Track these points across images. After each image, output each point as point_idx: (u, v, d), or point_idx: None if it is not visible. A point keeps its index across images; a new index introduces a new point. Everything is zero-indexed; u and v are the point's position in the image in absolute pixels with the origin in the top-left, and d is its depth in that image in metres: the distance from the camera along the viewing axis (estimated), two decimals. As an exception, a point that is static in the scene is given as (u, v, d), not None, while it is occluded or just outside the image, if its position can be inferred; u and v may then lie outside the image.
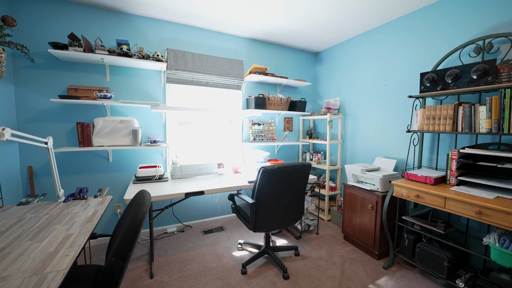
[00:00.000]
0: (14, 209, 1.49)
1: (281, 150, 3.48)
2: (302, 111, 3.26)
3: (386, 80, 2.61)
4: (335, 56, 3.29)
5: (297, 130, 3.60)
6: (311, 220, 2.77)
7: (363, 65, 2.87)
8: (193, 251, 2.34)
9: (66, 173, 2.28)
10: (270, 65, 3.27)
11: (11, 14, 2.02)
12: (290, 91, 3.49)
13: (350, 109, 3.07)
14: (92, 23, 2.28)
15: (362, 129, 2.92)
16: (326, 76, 3.47)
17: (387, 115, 2.61)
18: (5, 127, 1.27)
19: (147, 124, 2.58)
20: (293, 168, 1.90)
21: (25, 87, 2.10)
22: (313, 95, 3.71)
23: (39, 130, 2.16)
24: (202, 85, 2.79)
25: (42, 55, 2.13)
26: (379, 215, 2.19)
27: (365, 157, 2.88)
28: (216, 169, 2.57)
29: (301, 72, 3.55)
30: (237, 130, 3.14)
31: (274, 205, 1.94)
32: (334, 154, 3.30)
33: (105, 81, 2.37)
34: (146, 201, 1.21)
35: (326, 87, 3.47)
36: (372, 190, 2.28)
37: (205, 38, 2.81)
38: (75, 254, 1.02)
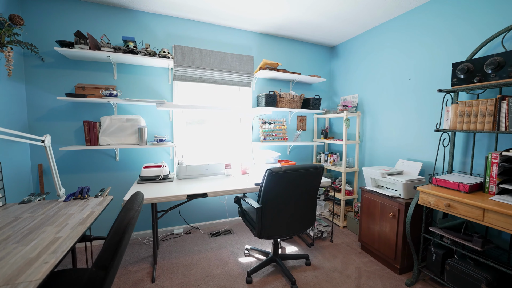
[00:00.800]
0: (14, 208, 1.48)
1: (294, 150, 3.29)
2: (317, 109, 3.06)
3: (410, 73, 2.34)
4: (353, 49, 3.04)
5: (311, 130, 3.40)
6: (324, 226, 2.57)
7: (384, 58, 2.61)
8: (198, 255, 2.25)
9: (74, 171, 2.29)
10: (282, 60, 3.10)
11: (22, 13, 2.05)
12: (303, 88, 3.30)
13: (369, 107, 2.82)
14: (99, 21, 2.26)
15: (382, 128, 2.65)
16: (343, 71, 3.23)
17: (411, 112, 2.33)
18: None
19: (154, 122, 2.53)
20: (303, 170, 1.73)
21: (35, 86, 2.12)
22: (329, 92, 3.48)
23: (48, 129, 2.18)
24: (210, 82, 2.70)
25: (51, 54, 2.14)
26: (402, 225, 1.94)
27: (386, 159, 2.61)
28: (223, 169, 2.46)
29: (316, 68, 3.34)
30: (246, 129, 3.01)
31: (281, 211, 1.78)
32: (351, 156, 3.06)
33: (113, 79, 2.35)
34: (135, 205, 1.11)
35: (343, 83, 3.23)
36: (394, 196, 2.04)
37: (214, 33, 2.71)
38: (55, 262, 0.94)
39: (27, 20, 2.06)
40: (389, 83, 2.56)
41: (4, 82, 1.87)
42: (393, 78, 2.52)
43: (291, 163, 2.76)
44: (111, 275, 0.99)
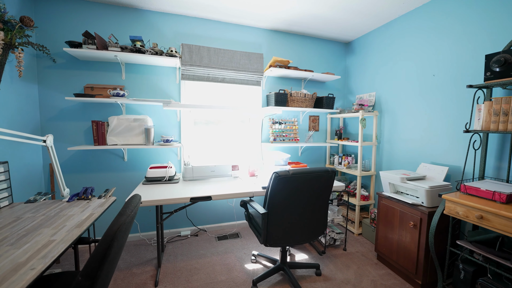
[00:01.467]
0: (19, 207, 1.48)
1: (305, 152, 3.15)
2: (330, 109, 2.89)
3: (434, 68, 2.12)
4: (370, 44, 2.84)
5: (324, 130, 3.23)
6: (337, 233, 2.40)
7: (405, 53, 2.40)
8: (203, 259, 2.18)
9: (83, 171, 2.31)
10: (293, 58, 2.97)
11: (35, 15, 2.09)
12: (316, 86, 3.14)
13: (388, 105, 2.61)
14: (107, 21, 2.27)
15: (402, 129, 2.44)
16: (359, 68, 3.04)
17: (436, 111, 2.12)
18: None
19: (161, 122, 2.51)
20: (312, 174, 1.60)
21: (47, 87, 2.16)
22: (344, 90, 3.29)
23: (59, 128, 2.22)
24: (219, 81, 2.63)
25: (62, 55, 2.17)
26: (424, 236, 1.75)
27: (406, 163, 2.40)
28: (230, 171, 2.38)
29: (330, 65, 3.17)
30: (256, 130, 2.91)
31: (289, 217, 1.65)
32: (368, 158, 2.86)
33: (121, 79, 2.35)
34: (128, 209, 1.05)
35: (359, 81, 3.04)
36: (415, 204, 1.84)
37: (222, 31, 2.64)
38: (41, 268, 0.89)
39: (40, 22, 2.10)
40: (410, 80, 2.35)
41: (17, 83, 1.91)
42: (414, 74, 2.31)
43: (302, 165, 2.63)
44: (100, 285, 0.93)
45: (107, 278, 1.03)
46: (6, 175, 1.52)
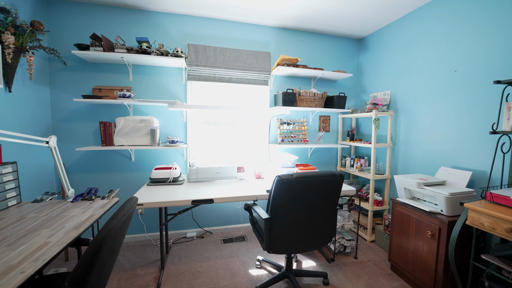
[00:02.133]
0: (26, 206, 1.52)
1: (315, 153, 3.03)
2: (341, 108, 2.76)
3: (456, 63, 1.94)
4: (385, 40, 2.68)
5: (335, 131, 3.09)
6: (348, 240, 2.27)
7: (423, 48, 2.22)
8: (207, 262, 2.14)
9: (91, 171, 2.35)
10: (302, 56, 2.86)
11: (48, 19, 2.15)
12: (327, 85, 3.01)
13: (404, 104, 2.44)
14: (115, 23, 2.30)
15: (420, 129, 2.27)
16: (372, 65, 2.87)
17: (458, 110, 1.93)
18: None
19: (168, 123, 2.50)
20: (318, 178, 1.50)
21: (58, 89, 2.22)
22: (356, 89, 3.14)
23: (69, 129, 2.27)
24: (225, 81, 2.59)
25: (72, 58, 2.23)
26: (444, 248, 1.59)
27: (424, 166, 2.22)
28: (235, 173, 2.32)
29: (341, 63, 3.03)
30: (263, 130, 2.84)
31: (293, 223, 1.57)
32: (382, 160, 2.69)
33: (128, 80, 2.37)
34: (120, 214, 1.02)
35: (373, 79, 2.87)
36: (433, 212, 1.68)
37: (228, 30, 2.60)
38: (31, 271, 0.88)
39: (52, 25, 2.16)
40: (429, 77, 2.17)
41: (30, 86, 1.97)
42: (433, 71, 2.13)
43: (310, 167, 2.52)
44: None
45: (99, 284, 1.00)
46: (14, 175, 1.56)
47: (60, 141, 2.25)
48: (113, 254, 1.07)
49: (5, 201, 1.48)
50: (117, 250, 1.12)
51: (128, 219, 1.10)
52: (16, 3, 1.84)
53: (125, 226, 1.08)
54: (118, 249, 1.13)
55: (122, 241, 1.21)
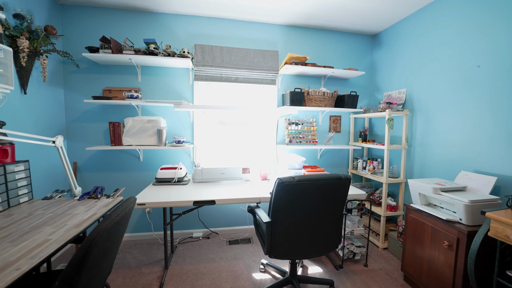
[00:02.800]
0: (36, 203, 1.58)
1: (325, 155, 2.92)
2: (353, 108, 2.63)
3: (479, 58, 1.77)
4: (400, 35, 2.52)
5: (346, 131, 2.96)
6: (357, 246, 2.16)
7: (441, 42, 2.06)
8: (211, 264, 2.12)
9: (102, 170, 2.42)
10: (312, 54, 2.77)
11: (62, 23, 2.25)
12: (338, 84, 2.89)
13: (421, 103, 2.28)
14: (124, 25, 2.35)
15: (438, 130, 2.10)
16: (387, 62, 2.72)
17: (481, 108, 1.76)
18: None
19: (175, 124, 2.52)
20: (322, 181, 1.43)
21: (71, 90, 2.31)
22: (370, 87, 2.99)
23: (82, 129, 2.36)
24: (232, 81, 2.56)
25: (84, 60, 2.31)
26: (462, 260, 1.45)
27: (443, 170, 2.06)
28: (240, 174, 2.29)
29: (353, 60, 2.90)
30: (271, 131, 2.78)
31: (295, 228, 1.50)
32: (396, 163, 2.53)
33: (137, 81, 2.42)
34: (114, 214, 1.02)
35: (387, 77, 2.72)
36: (451, 220, 1.54)
37: (236, 29, 2.57)
38: (26, 269, 0.90)
39: (66, 30, 2.25)
40: (449, 73, 2.01)
41: (45, 87, 2.06)
42: (454, 66, 1.96)
43: (319, 169, 2.43)
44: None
45: (92, 284, 1.01)
46: (26, 173, 1.63)
47: (73, 140, 2.34)
48: (107, 254, 1.07)
49: (17, 197, 1.55)
50: (112, 250, 1.12)
51: (123, 220, 1.10)
52: (33, 9, 1.93)
53: (119, 226, 1.08)
54: (113, 249, 1.13)
55: (120, 240, 1.21)
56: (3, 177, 1.46)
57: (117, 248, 1.21)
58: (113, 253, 1.18)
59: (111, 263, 1.22)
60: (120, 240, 1.23)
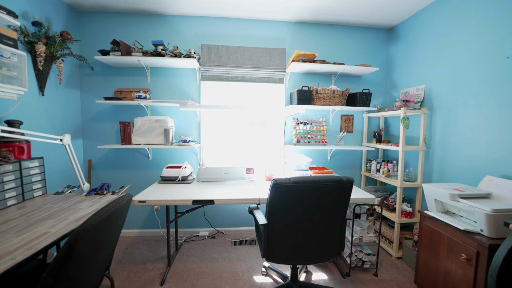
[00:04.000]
0: (48, 198, 1.68)
1: (336, 156, 2.79)
2: (365, 106, 2.48)
3: (509, 48, 1.56)
4: (419, 27, 2.33)
5: (359, 131, 2.81)
6: (367, 254, 2.02)
7: (465, 33, 1.86)
8: (214, 264, 2.12)
9: (114, 167, 2.53)
10: (322, 51, 2.66)
11: (79, 28, 2.39)
12: (351, 81, 2.75)
13: (441, 101, 2.08)
14: (134, 28, 2.44)
15: (461, 130, 1.90)
16: (404, 58, 2.53)
17: (509, 105, 1.56)
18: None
19: (182, 123, 2.57)
20: (320, 183, 1.35)
21: (87, 92, 2.45)
22: (385, 84, 2.80)
23: (96, 129, 2.49)
24: (238, 81, 2.55)
25: (99, 63, 2.43)
26: (482, 276, 1.29)
27: (466, 174, 1.85)
28: (244, 174, 2.26)
29: (367, 56, 2.74)
30: (278, 131, 2.72)
31: (293, 232, 1.44)
32: (413, 166, 2.34)
33: (147, 82, 2.50)
34: (102, 210, 1.04)
35: (405, 73, 2.53)
36: (470, 231, 1.38)
37: (242, 28, 2.55)
38: (20, 259, 0.94)
39: (83, 35, 2.39)
40: (473, 66, 1.80)
41: (62, 89, 2.21)
42: (479, 58, 1.76)
43: (327, 171, 2.32)
44: (65, 284, 0.93)
45: (83, 277, 1.03)
46: (41, 169, 1.74)
47: (88, 139, 2.48)
48: (99, 248, 1.09)
49: (31, 191, 1.67)
50: (105, 244, 1.15)
51: (114, 216, 1.12)
52: (51, 17, 2.07)
53: (110, 222, 1.10)
54: (106, 243, 1.15)
55: (115, 235, 1.24)
56: (18, 172, 1.58)
57: (111, 243, 1.24)
58: (107, 248, 1.21)
59: (106, 257, 1.25)
60: (115, 235, 1.26)
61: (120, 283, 1.86)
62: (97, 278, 1.24)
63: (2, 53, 1.35)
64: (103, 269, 1.29)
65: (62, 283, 0.91)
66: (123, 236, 2.58)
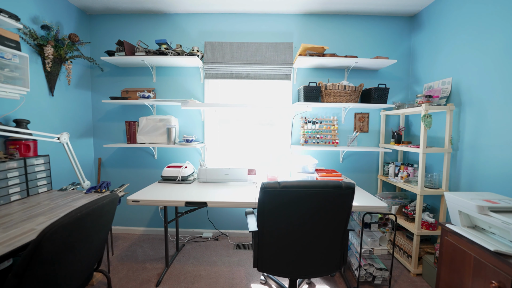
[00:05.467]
0: (51, 194, 1.74)
1: (349, 158, 2.56)
2: (382, 103, 2.24)
3: (562, 27, 1.26)
4: (446, 12, 2.03)
5: (376, 131, 2.55)
6: (378, 269, 1.80)
7: (501, 17, 1.56)
8: (212, 267, 2.05)
9: (121, 166, 2.59)
10: (332, 44, 2.46)
11: (90, 30, 2.48)
12: (366, 76, 2.51)
13: (471, 95, 1.78)
14: (139, 28, 2.46)
15: (496, 129, 1.60)
16: (429, 47, 2.23)
17: (562, 100, 1.26)
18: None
19: (187, 123, 2.54)
20: (314, 189, 1.20)
21: (97, 92, 2.53)
22: (406, 79, 2.51)
23: (106, 128, 2.56)
24: (242, 78, 2.45)
25: (107, 64, 2.50)
26: (518, 311, 1.04)
27: (501, 183, 1.56)
28: (245, 175, 2.16)
29: (385, 48, 2.47)
30: (286, 130, 2.58)
31: (285, 242, 1.30)
32: (438, 170, 2.05)
33: (152, 82, 2.51)
34: (76, 210, 1.01)
35: (429, 65, 2.23)
36: (503, 253, 1.13)
37: (248, 23, 2.45)
38: (-7, 258, 0.95)
39: (93, 37, 2.48)
40: (510, 55, 1.51)
41: (72, 90, 2.30)
42: (520, 43, 1.46)
43: (335, 174, 2.13)
44: (34, 284, 0.91)
45: (57, 278, 1.01)
46: (46, 166, 1.82)
47: (98, 138, 2.57)
48: (73, 250, 1.06)
49: (36, 188, 1.74)
50: (82, 245, 1.11)
51: (89, 216, 1.08)
52: (62, 21, 2.16)
53: (85, 222, 1.07)
54: (83, 244, 1.12)
55: (96, 235, 1.20)
56: (23, 169, 1.65)
57: (91, 243, 1.20)
58: (88, 248, 1.18)
59: (89, 257, 1.22)
60: (97, 235, 1.23)
61: (118, 281, 1.86)
62: (81, 277, 1.22)
63: (3, 54, 1.41)
64: (87, 269, 1.27)
65: (29, 283, 0.89)
66: (129, 234, 2.63)
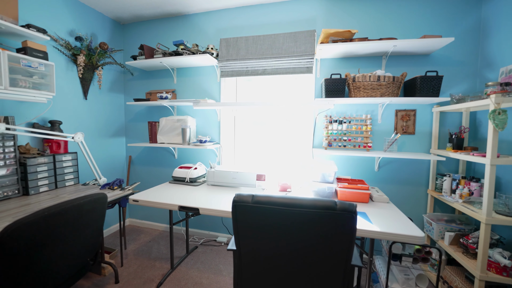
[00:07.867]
0: (75, 188, 1.92)
1: (387, 166, 2.08)
2: (433, 96, 1.72)
3: None
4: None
5: (426, 133, 1.99)
6: (412, 316, 1.35)
7: None
8: (216, 276, 1.93)
9: (147, 164, 2.74)
10: (364, 28, 2.03)
11: (123, 38, 2.70)
12: (412, 63, 1.98)
13: None
14: (162, 32, 2.55)
15: None
16: (505, 20, 1.59)
17: None
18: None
19: (203, 123, 2.51)
20: (296, 209, 0.93)
21: (128, 95, 2.75)
22: (473, 63, 1.86)
23: (135, 128, 2.75)
24: (259, 74, 2.26)
25: (136, 69, 2.68)
26: None
27: None
28: (254, 181, 1.96)
29: (438, 25, 1.89)
30: (307, 131, 2.26)
31: (268, 269, 1.07)
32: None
33: (173, 83, 2.57)
34: (42, 210, 1.02)
35: (506, 44, 1.59)
36: None
37: (266, 15, 2.25)
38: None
39: (126, 44, 2.69)
40: None
41: (105, 94, 2.54)
42: None
43: (360, 186, 1.72)
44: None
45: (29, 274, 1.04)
46: (74, 162, 2.02)
47: (129, 137, 2.78)
48: (45, 246, 1.06)
49: (63, 181, 1.95)
50: (59, 243, 1.13)
51: (58, 215, 1.08)
52: (97, 32, 2.40)
53: (54, 221, 1.07)
54: (61, 242, 1.13)
55: (74, 234, 1.19)
56: (52, 164, 1.87)
57: (75, 240, 1.22)
58: (68, 245, 1.19)
59: (71, 253, 1.23)
60: (78, 233, 1.23)
61: (127, 275, 1.94)
62: (69, 269, 1.26)
63: (30, 64, 1.60)
64: (75, 263, 1.29)
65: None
66: (152, 229, 2.76)
